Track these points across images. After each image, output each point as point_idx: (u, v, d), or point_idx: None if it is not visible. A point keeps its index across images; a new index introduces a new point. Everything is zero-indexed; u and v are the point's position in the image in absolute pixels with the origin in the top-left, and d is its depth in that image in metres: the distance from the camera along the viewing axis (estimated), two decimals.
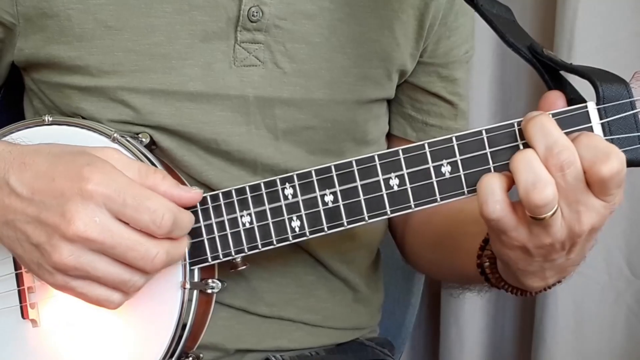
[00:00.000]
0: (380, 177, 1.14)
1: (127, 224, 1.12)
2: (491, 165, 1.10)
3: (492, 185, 1.06)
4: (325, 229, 1.18)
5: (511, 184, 1.07)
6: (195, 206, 1.21)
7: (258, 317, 1.44)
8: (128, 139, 1.27)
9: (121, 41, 1.30)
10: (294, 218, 1.18)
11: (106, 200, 1.10)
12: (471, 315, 2.20)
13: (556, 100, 1.10)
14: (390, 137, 1.56)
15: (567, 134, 1.05)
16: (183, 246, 1.18)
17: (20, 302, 1.28)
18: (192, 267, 1.22)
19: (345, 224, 1.17)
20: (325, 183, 1.17)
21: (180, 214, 1.15)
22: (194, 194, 1.19)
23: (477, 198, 1.08)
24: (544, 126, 1.05)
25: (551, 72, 1.16)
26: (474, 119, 1.59)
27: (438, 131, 1.53)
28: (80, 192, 1.10)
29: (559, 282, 1.20)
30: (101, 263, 1.12)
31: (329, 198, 1.17)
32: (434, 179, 1.13)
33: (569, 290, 2.02)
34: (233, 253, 1.21)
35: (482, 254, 1.25)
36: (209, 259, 1.22)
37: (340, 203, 1.16)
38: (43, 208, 1.11)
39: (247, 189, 1.20)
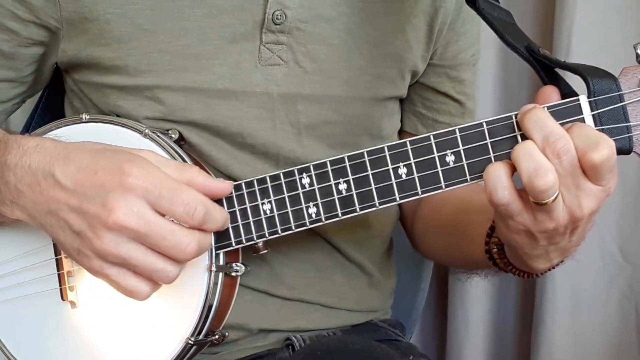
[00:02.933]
0: (390, 167, 1.15)
1: (163, 215, 1.13)
2: (491, 154, 1.11)
3: (499, 173, 1.07)
4: (340, 214, 1.18)
5: (513, 171, 1.07)
6: None
7: (279, 300, 1.44)
8: (158, 134, 1.27)
9: (156, 43, 1.30)
10: (311, 205, 1.19)
11: (144, 192, 1.11)
12: (476, 298, 2.20)
13: (551, 94, 1.11)
14: (402, 133, 1.56)
15: (561, 125, 1.06)
16: (210, 236, 1.19)
17: (60, 285, 1.29)
18: (217, 252, 1.22)
19: (358, 210, 1.17)
20: (339, 173, 1.17)
21: (212, 208, 1.16)
22: (227, 184, 1.20)
23: (485, 186, 1.08)
24: (539, 118, 1.05)
25: (546, 69, 1.16)
26: (478, 118, 1.59)
27: (446, 128, 1.52)
28: (120, 184, 1.10)
29: (562, 261, 1.20)
30: (138, 251, 1.12)
31: (342, 186, 1.17)
32: (439, 168, 1.13)
33: (566, 276, 2.02)
34: (255, 238, 1.22)
35: (490, 241, 1.26)
36: (233, 244, 1.22)
37: (353, 191, 1.17)
38: (85, 199, 1.12)
39: (268, 178, 1.20)
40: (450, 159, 1.12)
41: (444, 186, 1.13)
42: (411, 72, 1.46)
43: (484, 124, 1.11)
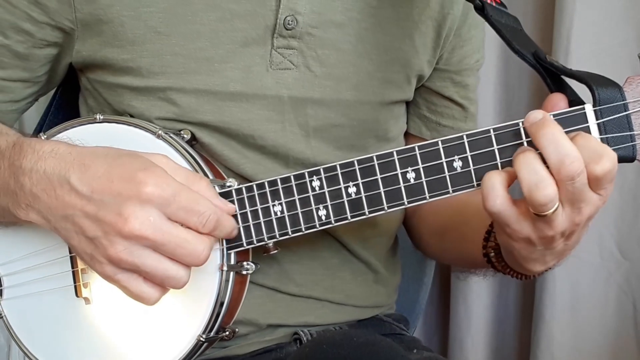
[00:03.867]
0: (399, 171, 1.15)
1: (175, 223, 1.13)
2: (498, 160, 1.11)
3: (493, 181, 1.07)
4: (349, 217, 1.18)
5: (513, 179, 1.07)
6: (232, 197, 1.22)
7: (288, 296, 1.45)
8: (171, 135, 1.27)
9: (169, 45, 1.30)
10: (321, 207, 1.19)
11: (162, 202, 1.11)
12: (478, 293, 2.21)
13: (559, 101, 1.11)
14: (407, 135, 1.57)
15: (566, 132, 1.05)
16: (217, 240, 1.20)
17: (74, 282, 1.29)
18: (228, 252, 1.22)
19: (367, 213, 1.17)
20: (349, 176, 1.17)
21: (222, 216, 1.17)
22: (230, 206, 1.20)
23: (482, 193, 1.08)
24: (555, 137, 1.04)
25: (553, 77, 1.16)
26: (480, 118, 1.60)
27: (450, 131, 1.53)
28: (137, 194, 1.11)
29: (557, 264, 1.20)
30: (151, 259, 1.13)
31: (352, 190, 1.17)
32: (446, 173, 1.13)
33: (566, 271, 2.03)
34: (266, 239, 1.22)
35: (487, 244, 1.27)
36: (244, 244, 1.22)
37: (362, 194, 1.17)
38: (101, 206, 1.12)
39: (279, 181, 1.20)
40: (457, 164, 1.12)
41: (451, 191, 1.13)
42: (417, 76, 1.46)
43: (491, 130, 1.11)
